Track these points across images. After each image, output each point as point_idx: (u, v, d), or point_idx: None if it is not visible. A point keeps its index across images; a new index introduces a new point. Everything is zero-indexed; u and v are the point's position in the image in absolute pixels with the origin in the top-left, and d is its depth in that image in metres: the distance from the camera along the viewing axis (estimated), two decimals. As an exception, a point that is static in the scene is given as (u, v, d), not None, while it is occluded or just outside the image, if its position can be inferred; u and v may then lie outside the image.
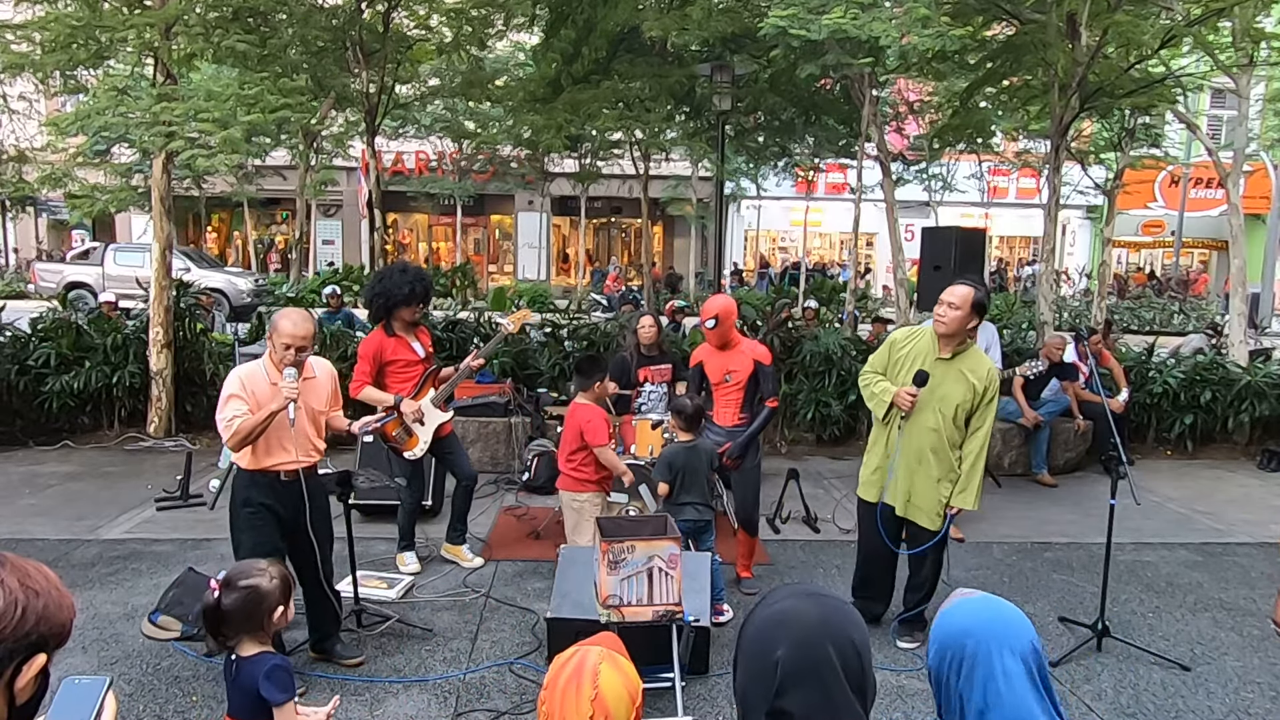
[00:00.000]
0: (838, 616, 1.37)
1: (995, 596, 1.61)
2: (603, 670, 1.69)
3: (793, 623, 1.37)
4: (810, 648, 1.34)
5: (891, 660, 4.04)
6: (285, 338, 3.54)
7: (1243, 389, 8.16)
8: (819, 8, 6.64)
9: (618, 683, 1.69)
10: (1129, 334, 15.49)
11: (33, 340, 8.02)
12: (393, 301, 4.80)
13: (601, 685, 1.67)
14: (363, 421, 4.04)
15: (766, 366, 4.67)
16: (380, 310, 4.84)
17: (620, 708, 1.68)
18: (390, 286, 4.80)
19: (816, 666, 1.33)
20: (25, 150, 15.01)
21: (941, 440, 3.95)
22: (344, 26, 9.23)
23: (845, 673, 1.33)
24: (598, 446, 4.51)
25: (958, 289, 3.88)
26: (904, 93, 15.57)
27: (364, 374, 4.79)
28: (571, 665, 1.72)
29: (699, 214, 24.89)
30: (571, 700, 1.67)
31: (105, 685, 1.24)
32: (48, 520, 5.74)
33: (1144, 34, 7.79)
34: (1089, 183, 13.62)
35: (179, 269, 12.12)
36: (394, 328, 4.87)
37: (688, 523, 4.32)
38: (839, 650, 1.33)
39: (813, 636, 1.34)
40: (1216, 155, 10.31)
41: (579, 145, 16.81)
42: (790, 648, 1.34)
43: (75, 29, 7.22)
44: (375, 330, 4.88)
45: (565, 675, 1.71)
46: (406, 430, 4.85)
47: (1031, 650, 1.52)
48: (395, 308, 4.82)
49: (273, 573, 2.41)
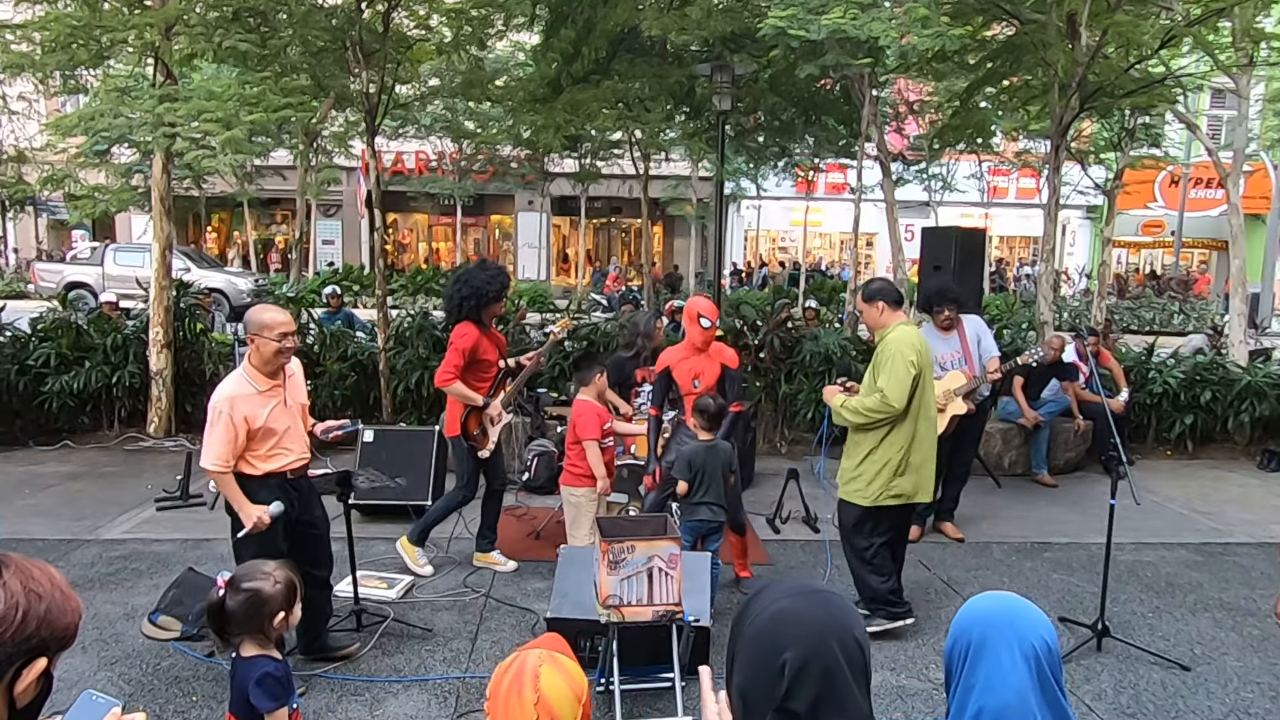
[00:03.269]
0: (839, 613, 1.38)
1: (1017, 596, 1.61)
2: (543, 673, 1.66)
3: (798, 623, 1.35)
4: (819, 649, 1.33)
5: (891, 660, 4.04)
6: (280, 327, 3.51)
7: (1243, 389, 8.16)
8: (818, 8, 6.63)
9: (560, 683, 1.66)
10: (1129, 334, 15.49)
11: (33, 340, 8.02)
12: (484, 299, 4.76)
13: (543, 687, 1.64)
14: (325, 425, 3.96)
15: (734, 370, 4.70)
16: (471, 309, 4.77)
17: (565, 708, 1.65)
18: (480, 284, 4.76)
19: (826, 667, 1.32)
20: (25, 150, 15.00)
21: None
22: (344, 26, 9.21)
23: (851, 669, 1.33)
24: (586, 441, 4.56)
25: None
26: (904, 93, 15.56)
27: (457, 367, 4.72)
28: (512, 671, 1.69)
29: (699, 214, 24.88)
30: (515, 706, 1.64)
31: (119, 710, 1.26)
32: (48, 520, 5.74)
33: (1144, 34, 7.79)
34: (1089, 183, 13.62)
35: (179, 269, 12.13)
36: (486, 325, 4.86)
37: (702, 523, 4.32)
38: (844, 647, 1.34)
39: (820, 637, 1.33)
40: (1216, 155, 10.31)
41: (579, 145, 16.78)
42: (799, 649, 1.33)
43: (75, 29, 7.22)
44: (469, 325, 4.78)
45: (506, 681, 1.68)
46: (484, 430, 4.88)
47: (1043, 649, 1.52)
48: (486, 304, 4.78)
49: (278, 577, 2.40)
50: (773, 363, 8.05)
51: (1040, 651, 1.51)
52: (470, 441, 4.87)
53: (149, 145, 7.75)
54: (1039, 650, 1.51)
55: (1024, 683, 1.49)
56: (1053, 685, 1.52)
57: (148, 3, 7.58)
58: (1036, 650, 1.51)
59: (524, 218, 27.65)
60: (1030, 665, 1.50)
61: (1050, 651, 1.52)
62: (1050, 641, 1.53)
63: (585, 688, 1.70)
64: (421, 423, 7.69)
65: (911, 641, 4.26)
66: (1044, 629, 1.54)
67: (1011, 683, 1.50)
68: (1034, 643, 1.52)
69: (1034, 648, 1.51)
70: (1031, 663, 1.51)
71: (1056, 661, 1.54)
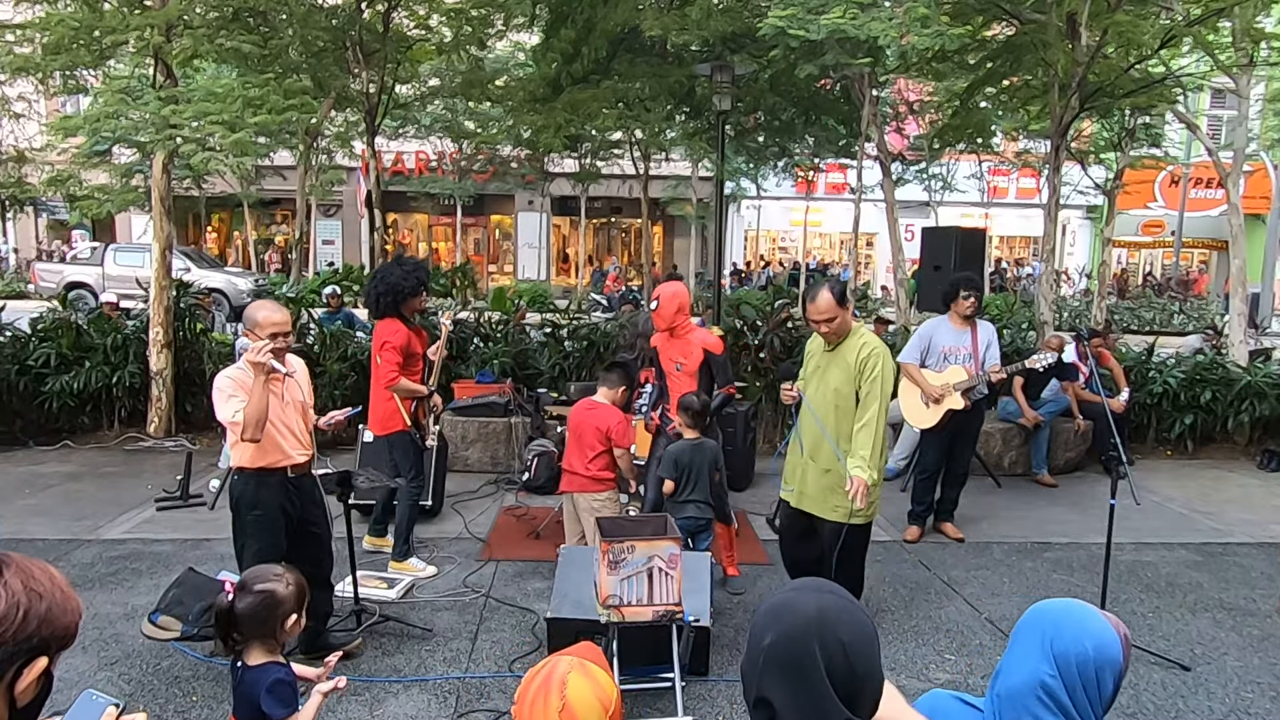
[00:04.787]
0: (833, 614, 1.34)
1: (1095, 609, 1.57)
2: (571, 680, 1.65)
3: (786, 613, 1.36)
4: (794, 641, 1.32)
5: (891, 660, 4.04)
6: (272, 326, 3.51)
7: (1243, 389, 8.16)
8: (818, 8, 6.63)
9: (587, 692, 1.65)
10: (1129, 334, 15.48)
11: (33, 340, 8.02)
12: (401, 294, 4.82)
13: (569, 695, 1.63)
14: (328, 416, 4.01)
15: (718, 355, 4.73)
16: (389, 305, 4.83)
17: (591, 717, 1.64)
18: (396, 280, 4.82)
19: (799, 661, 1.31)
20: (25, 151, 15.01)
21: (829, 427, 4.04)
22: (344, 27, 9.23)
23: (830, 672, 1.30)
24: (622, 450, 4.48)
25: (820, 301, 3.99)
26: (904, 93, 15.56)
27: (397, 364, 4.77)
28: (541, 676, 1.69)
29: (699, 214, 24.87)
30: (540, 712, 1.63)
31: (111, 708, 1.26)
32: (48, 520, 5.74)
33: (1144, 34, 7.79)
34: (1089, 183, 13.62)
35: (179, 269, 12.14)
36: (410, 320, 4.92)
37: (689, 520, 4.32)
38: (825, 648, 1.31)
39: (800, 630, 1.32)
40: (1216, 155, 10.30)
41: (579, 145, 16.78)
42: (776, 637, 1.34)
43: (77, 30, 7.22)
44: (395, 322, 4.83)
45: (535, 686, 1.68)
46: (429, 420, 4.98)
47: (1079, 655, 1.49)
48: (404, 300, 4.84)
49: (289, 579, 2.37)
50: (773, 363, 8.04)
51: (1077, 657, 1.49)
52: (419, 431, 4.95)
53: (151, 146, 7.75)
54: (1075, 655, 1.49)
55: (1047, 673, 1.49)
56: (1084, 694, 1.49)
57: (148, 3, 7.58)
58: (1073, 654, 1.49)
59: (524, 218, 27.65)
60: (1058, 664, 1.49)
61: (1091, 661, 1.48)
62: (1094, 652, 1.49)
63: (614, 698, 1.68)
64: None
65: (911, 641, 4.26)
66: (1091, 639, 1.50)
67: (1035, 669, 1.50)
68: (1072, 647, 1.49)
69: (1069, 651, 1.49)
70: (1063, 662, 1.49)
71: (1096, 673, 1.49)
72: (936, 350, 5.67)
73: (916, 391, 5.73)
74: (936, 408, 5.63)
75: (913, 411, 5.81)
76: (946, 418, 5.60)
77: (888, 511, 6.36)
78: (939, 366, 5.65)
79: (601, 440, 4.46)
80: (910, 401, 5.79)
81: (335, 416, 4.04)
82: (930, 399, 5.63)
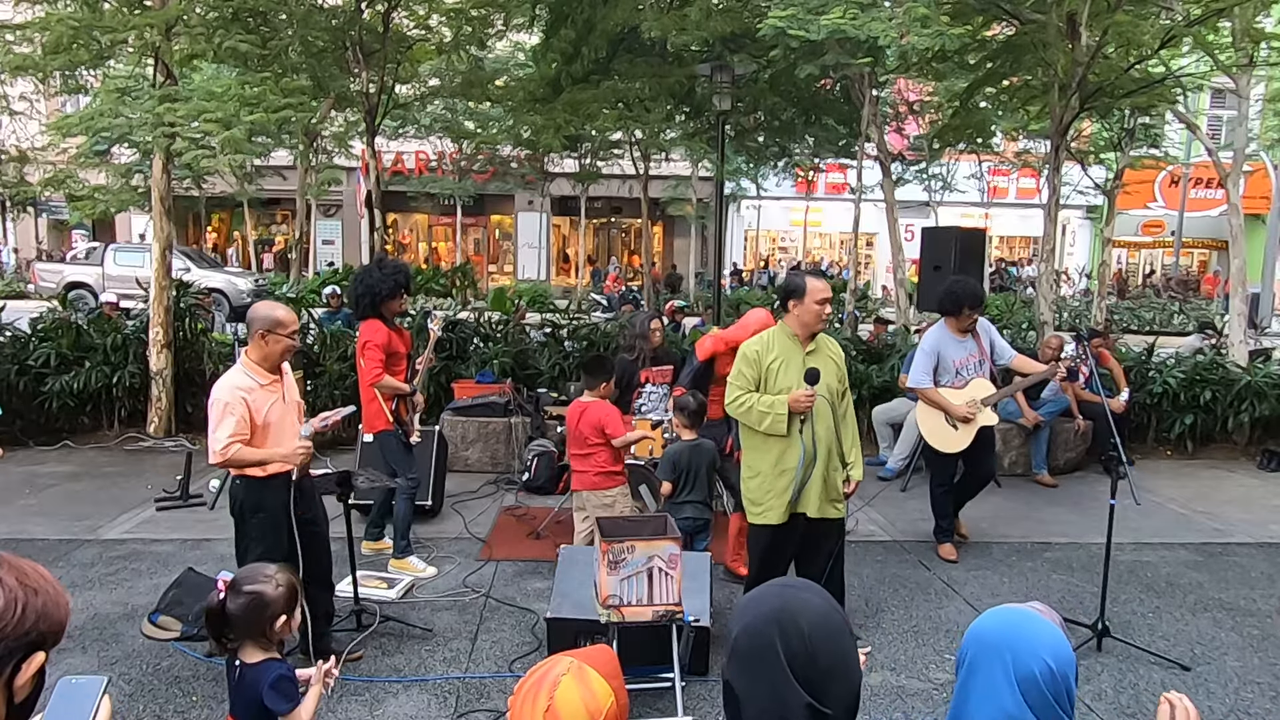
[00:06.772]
0: (797, 605, 1.39)
1: (1029, 613, 1.57)
2: (563, 683, 1.64)
3: (752, 606, 1.42)
4: (755, 632, 1.38)
5: (892, 660, 4.04)
6: (290, 326, 3.57)
7: (1243, 389, 8.15)
8: (818, 8, 6.63)
9: (575, 698, 1.63)
10: (1129, 334, 15.48)
11: (33, 340, 8.02)
12: (379, 296, 4.86)
13: (557, 698, 1.61)
14: (320, 417, 3.92)
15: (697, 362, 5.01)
16: (368, 306, 4.88)
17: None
18: (374, 282, 4.87)
19: (760, 650, 1.36)
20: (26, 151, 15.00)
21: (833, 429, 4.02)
22: (344, 27, 9.23)
23: (789, 659, 1.34)
24: (619, 438, 4.48)
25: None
26: (904, 93, 15.57)
27: (380, 363, 4.82)
28: (538, 673, 1.68)
29: (699, 214, 24.89)
30: (528, 710, 1.63)
31: (102, 685, 1.24)
32: (48, 520, 5.74)
33: (1144, 34, 7.80)
34: (1089, 183, 13.63)
35: (179, 269, 12.13)
36: (391, 321, 4.97)
37: (688, 520, 4.32)
38: (784, 637, 1.35)
39: (761, 621, 1.38)
40: (1216, 155, 10.31)
41: (579, 145, 16.81)
42: (740, 628, 1.40)
43: (76, 30, 7.22)
44: (376, 323, 4.87)
45: (529, 683, 1.67)
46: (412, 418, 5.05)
47: (1043, 673, 1.48)
48: (383, 301, 4.88)
49: (280, 580, 2.38)
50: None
51: (1040, 676, 1.48)
52: (404, 428, 5.00)
53: (149, 145, 7.76)
54: (1039, 675, 1.48)
55: (1013, 707, 1.47)
56: (1054, 709, 1.48)
57: (148, 3, 7.58)
58: (1036, 675, 1.48)
59: (524, 218, 27.66)
60: (1022, 690, 1.48)
61: (1053, 674, 1.48)
62: (1054, 663, 1.49)
63: (605, 708, 1.65)
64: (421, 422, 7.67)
65: (911, 641, 4.26)
66: (1047, 651, 1.50)
67: (1001, 705, 1.48)
68: (1033, 667, 1.48)
69: (1032, 673, 1.48)
70: (1027, 686, 1.48)
71: (1061, 683, 1.49)
72: (948, 365, 5.28)
73: (938, 415, 5.30)
74: (967, 428, 5.23)
75: (939, 436, 5.32)
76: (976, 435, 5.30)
77: (888, 512, 6.37)
78: (954, 382, 5.27)
79: (598, 435, 4.49)
80: (933, 425, 5.34)
81: (329, 418, 3.93)
82: (958, 420, 5.23)
